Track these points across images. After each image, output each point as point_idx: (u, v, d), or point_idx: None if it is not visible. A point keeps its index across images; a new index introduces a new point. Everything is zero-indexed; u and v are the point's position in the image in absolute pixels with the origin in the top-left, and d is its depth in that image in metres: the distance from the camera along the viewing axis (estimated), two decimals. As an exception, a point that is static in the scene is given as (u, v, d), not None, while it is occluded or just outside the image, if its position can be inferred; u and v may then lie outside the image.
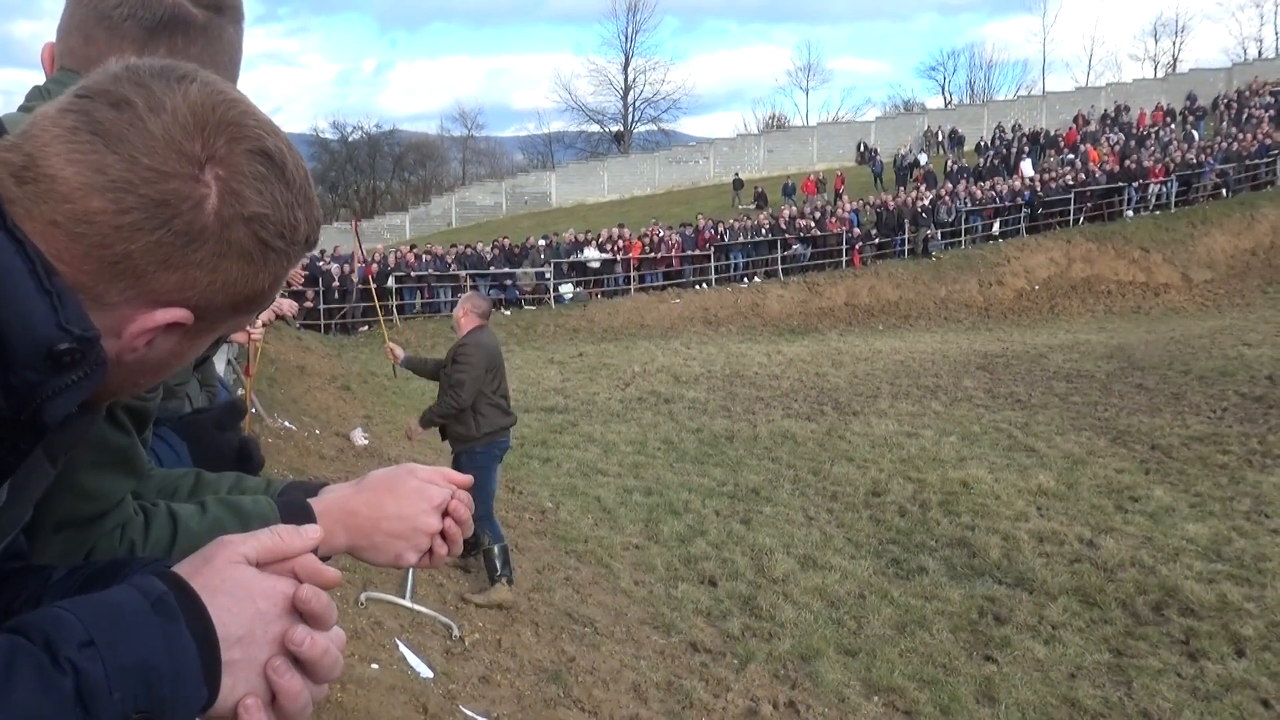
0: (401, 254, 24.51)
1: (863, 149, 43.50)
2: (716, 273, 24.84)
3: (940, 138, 42.19)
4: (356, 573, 5.35)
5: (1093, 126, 37.13)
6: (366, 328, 21.09)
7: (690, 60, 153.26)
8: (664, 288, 24.40)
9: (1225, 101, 37.00)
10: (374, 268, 21.52)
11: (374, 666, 4.27)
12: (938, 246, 25.45)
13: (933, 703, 5.35)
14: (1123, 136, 34.39)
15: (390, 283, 22.14)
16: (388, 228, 45.71)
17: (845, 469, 9.94)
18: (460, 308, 6.28)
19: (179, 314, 0.76)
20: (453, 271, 23.53)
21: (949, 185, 28.44)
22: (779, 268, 24.95)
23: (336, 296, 21.36)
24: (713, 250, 24.90)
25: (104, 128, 0.72)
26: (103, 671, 0.64)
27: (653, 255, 24.91)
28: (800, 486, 9.49)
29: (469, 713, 4.30)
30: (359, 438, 9.50)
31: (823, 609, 6.55)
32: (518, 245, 25.23)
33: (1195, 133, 33.51)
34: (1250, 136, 29.15)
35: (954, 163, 33.81)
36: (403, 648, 4.72)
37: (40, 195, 0.71)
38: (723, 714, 5.05)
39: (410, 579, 5.64)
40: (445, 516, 1.09)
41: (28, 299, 0.68)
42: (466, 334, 6.04)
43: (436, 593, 5.85)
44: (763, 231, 25.81)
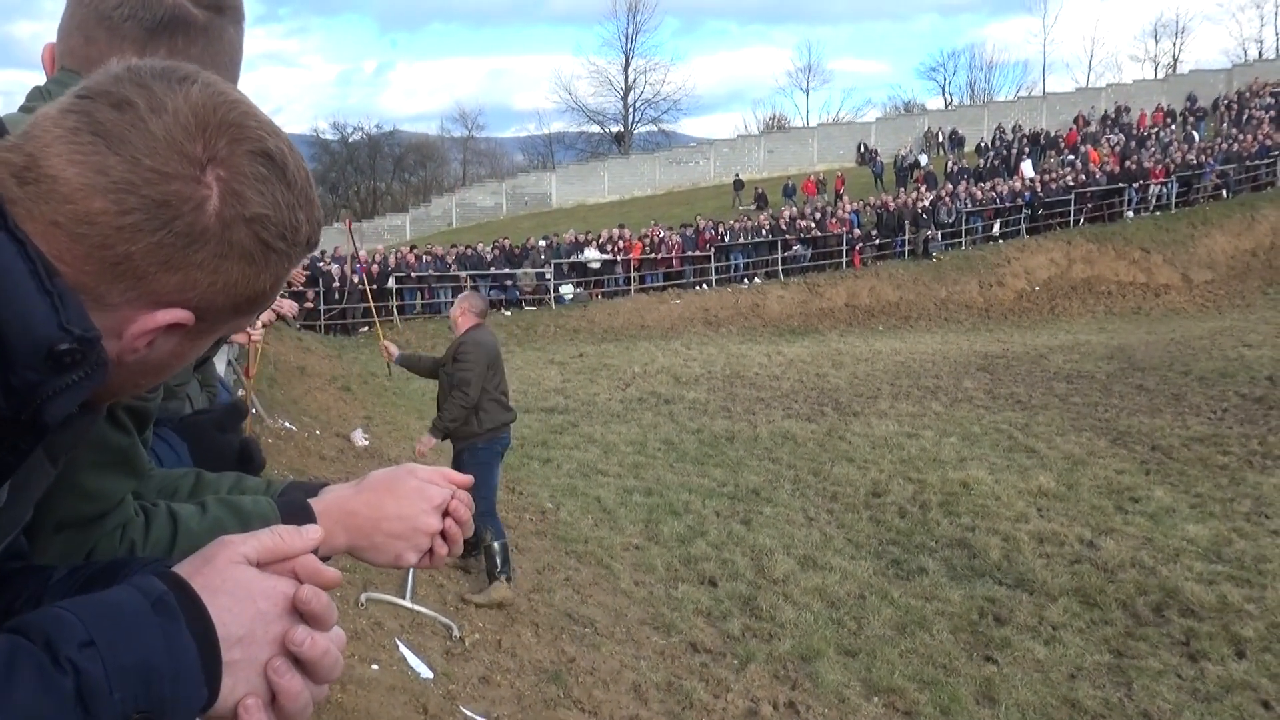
0: (402, 255, 24.52)
1: (863, 150, 43.52)
2: (717, 273, 24.85)
3: (940, 139, 42.21)
4: (357, 573, 5.35)
5: (1093, 127, 37.13)
6: (366, 328, 21.10)
7: (690, 61, 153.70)
8: (664, 288, 24.41)
9: (1225, 102, 37.01)
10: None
11: (374, 667, 4.27)
12: (938, 247, 25.46)
13: (933, 703, 5.34)
14: (1123, 137, 34.40)
15: (390, 283, 22.16)
16: (388, 228, 45.74)
17: (845, 470, 9.94)
18: (457, 307, 6.29)
19: (180, 315, 0.76)
20: (453, 272, 23.53)
21: (949, 186, 28.45)
22: (779, 268, 24.96)
23: (337, 297, 21.36)
24: (713, 251, 24.91)
25: (105, 129, 0.72)
26: (103, 671, 0.64)
27: (653, 256, 24.91)
28: (800, 487, 9.49)
29: (469, 713, 4.30)
30: (359, 438, 9.51)
31: (823, 609, 6.55)
32: (518, 246, 25.23)
33: (1195, 134, 33.51)
34: (1250, 137, 29.15)
35: (954, 164, 33.83)
36: (403, 648, 4.72)
37: (42, 196, 0.71)
38: (723, 714, 5.05)
39: (410, 579, 5.64)
40: (445, 516, 1.09)
41: (29, 299, 0.68)
42: (465, 332, 6.05)
43: (436, 593, 5.85)
44: (763, 232, 25.82)
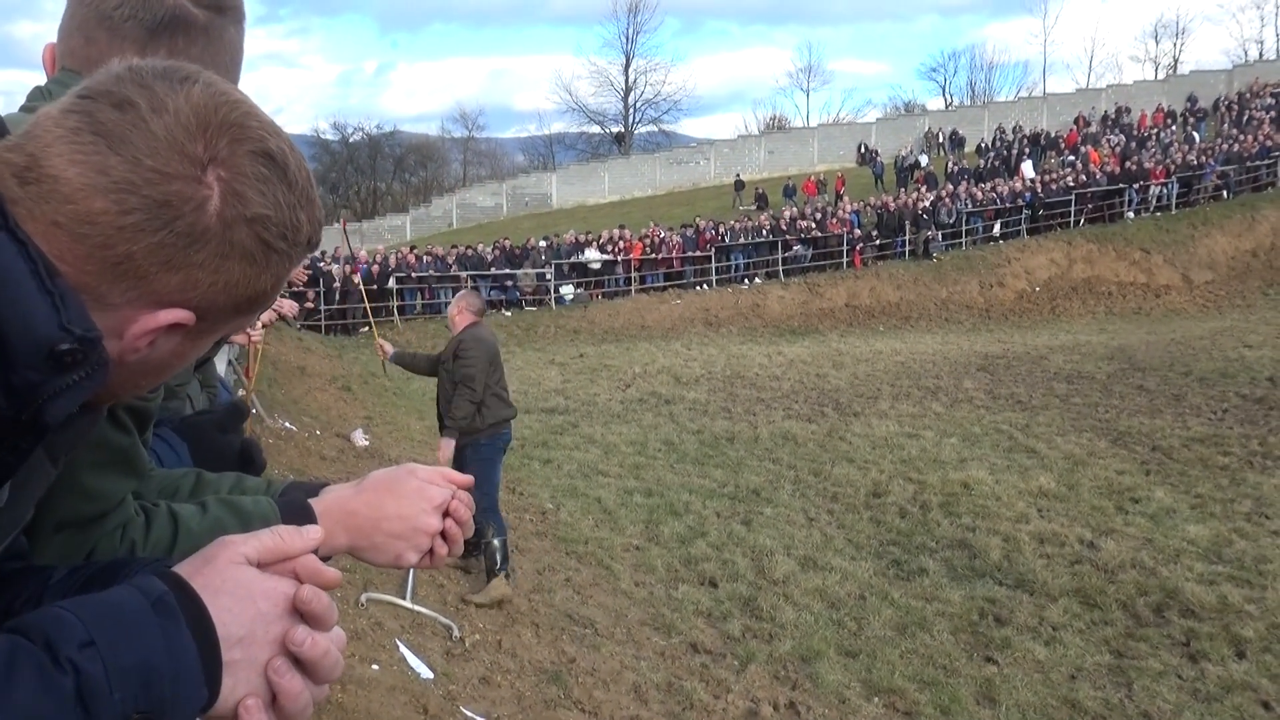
0: (402, 255, 24.52)
1: (863, 150, 43.54)
2: (717, 274, 24.84)
3: (941, 139, 42.23)
4: (357, 573, 5.35)
5: (1093, 128, 37.13)
6: (366, 328, 21.08)
7: (691, 61, 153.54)
8: (665, 289, 24.40)
9: (1226, 103, 37.02)
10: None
11: (374, 667, 4.27)
12: (938, 248, 25.45)
13: (933, 704, 5.34)
14: (1123, 138, 34.41)
15: (391, 283, 22.16)
16: (388, 229, 45.76)
17: (846, 470, 9.93)
18: (454, 305, 6.31)
19: (181, 315, 0.76)
20: (453, 272, 23.53)
21: (950, 186, 28.46)
22: (780, 269, 24.95)
23: (337, 297, 21.37)
24: (713, 251, 24.91)
25: (107, 129, 0.72)
26: (103, 672, 0.64)
27: (653, 256, 24.91)
28: (801, 488, 9.49)
29: (469, 714, 4.30)
30: (360, 439, 9.51)
31: (823, 610, 6.55)
32: (518, 246, 25.24)
33: (1196, 134, 33.52)
34: (1251, 138, 29.15)
35: (955, 164, 33.84)
36: (403, 649, 4.72)
37: (43, 196, 0.71)
38: (723, 715, 5.05)
39: (411, 580, 5.64)
40: (446, 517, 1.09)
41: (30, 299, 0.68)
42: (463, 330, 6.07)
43: (437, 594, 5.85)
44: (763, 232, 25.81)
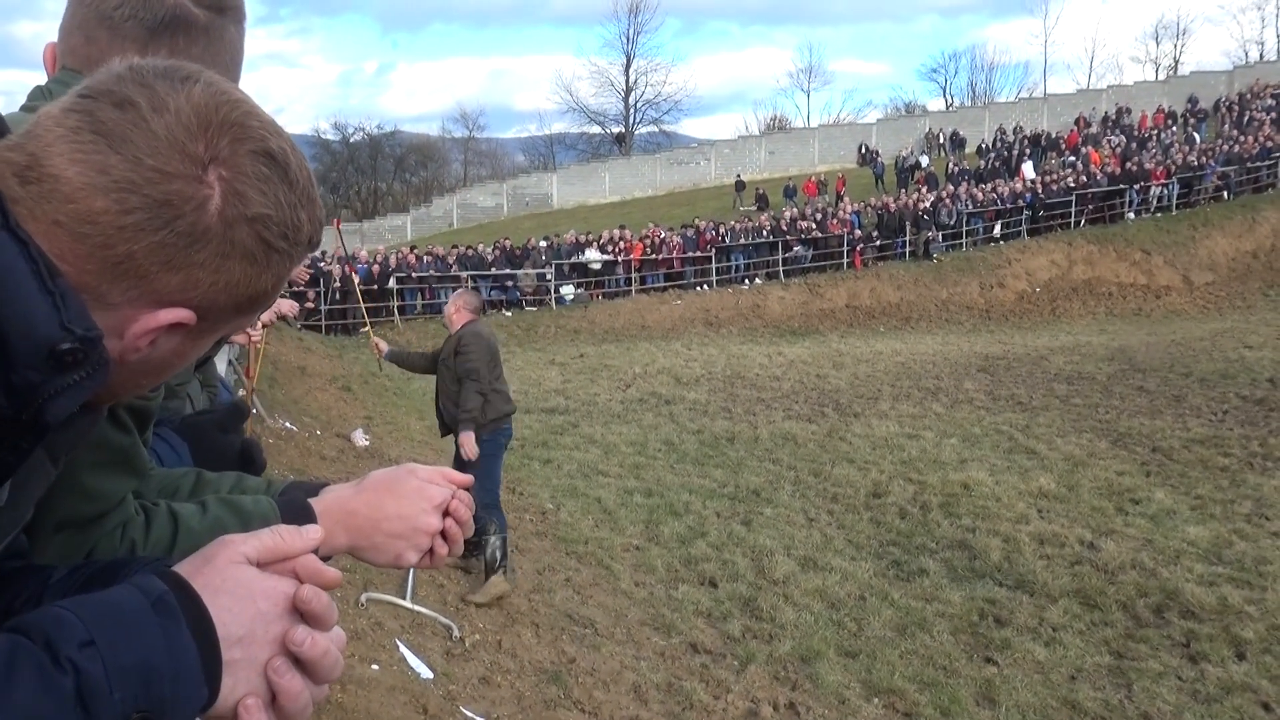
0: (403, 255, 24.52)
1: (864, 151, 43.55)
2: (717, 274, 24.84)
3: (941, 140, 42.24)
4: (357, 573, 5.35)
5: (1094, 129, 37.15)
6: (370, 329, 21.07)
7: (691, 62, 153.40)
8: (665, 289, 24.40)
9: (1226, 104, 37.03)
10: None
11: (374, 667, 4.27)
12: (939, 248, 25.45)
13: (933, 704, 5.34)
14: (1124, 139, 34.42)
15: (392, 283, 22.17)
16: (389, 229, 45.76)
17: (846, 471, 9.93)
18: (452, 304, 6.33)
19: (182, 314, 0.76)
20: (454, 272, 23.53)
21: (950, 187, 28.46)
22: (780, 269, 24.95)
23: (338, 297, 21.38)
24: (714, 252, 24.91)
25: (107, 128, 0.72)
26: (103, 671, 0.64)
27: (654, 256, 24.91)
28: (801, 488, 9.48)
29: (469, 714, 4.30)
30: (360, 439, 9.51)
31: (823, 610, 6.54)
32: (519, 246, 25.24)
33: (1196, 135, 33.53)
34: (1251, 139, 29.15)
35: (955, 165, 33.85)
36: (403, 648, 4.72)
37: (44, 195, 0.71)
38: (723, 715, 5.05)
39: (411, 580, 5.64)
40: (446, 516, 1.09)
41: (30, 299, 0.68)
42: (461, 327, 6.09)
43: (437, 594, 5.85)
44: (764, 233, 25.81)
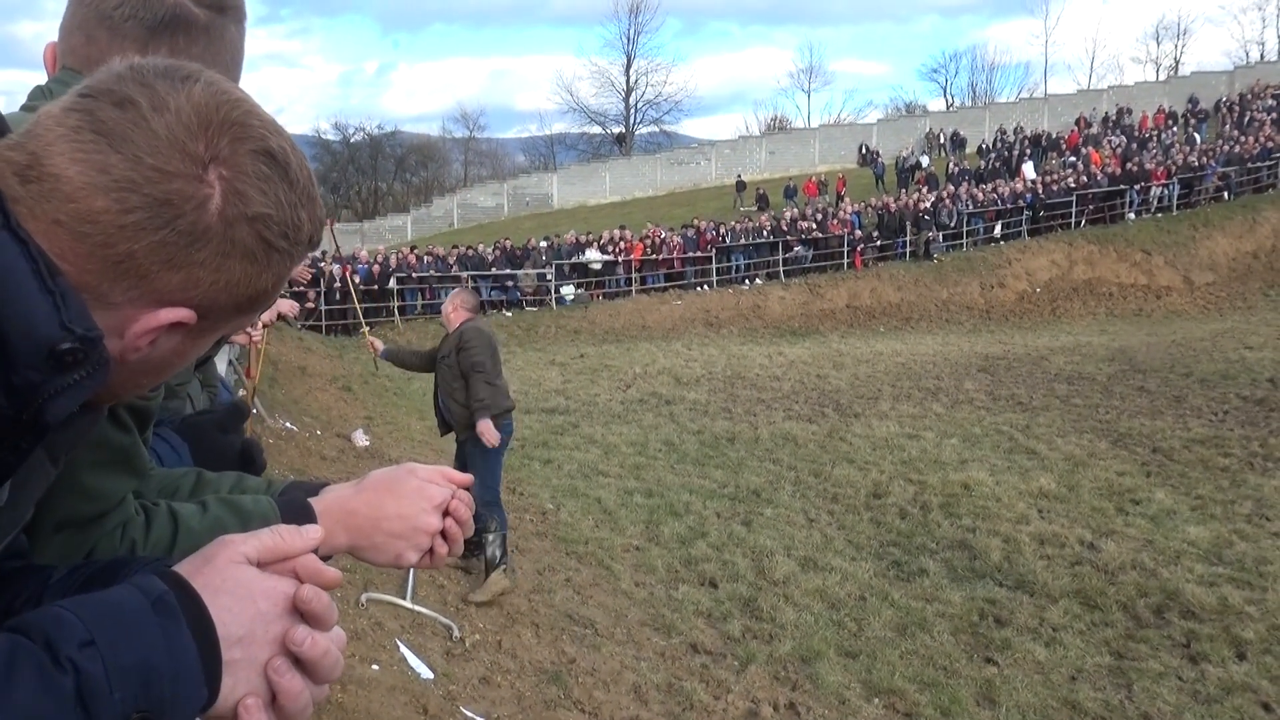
0: (403, 255, 24.52)
1: (864, 151, 43.55)
2: (718, 274, 24.84)
3: (942, 140, 42.24)
4: (357, 573, 5.35)
5: (1094, 129, 37.14)
6: (367, 328, 21.12)
7: (692, 62, 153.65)
8: (665, 289, 24.40)
9: (1227, 104, 37.03)
10: (361, 266, 22.27)
11: (374, 667, 4.27)
12: (939, 249, 25.45)
13: (933, 705, 5.34)
14: (1124, 139, 34.41)
15: (392, 283, 22.18)
16: (389, 229, 45.76)
17: (846, 471, 9.93)
18: (449, 303, 6.33)
19: (182, 314, 0.76)
20: (454, 272, 23.52)
21: (950, 187, 28.46)
22: (780, 269, 24.95)
23: (338, 297, 21.40)
24: (714, 252, 24.91)
25: (108, 127, 0.72)
26: (103, 671, 0.64)
27: (654, 257, 24.91)
28: (801, 488, 9.48)
29: (469, 714, 4.30)
30: (360, 439, 9.52)
31: (823, 611, 6.54)
32: (519, 246, 25.24)
33: (1197, 135, 33.53)
34: (1252, 139, 29.14)
35: (956, 165, 33.84)
36: (403, 649, 4.72)
37: (44, 195, 0.71)
38: (723, 716, 5.05)
39: (411, 580, 5.64)
40: (446, 516, 1.09)
41: (30, 299, 0.68)
42: (460, 324, 6.10)
43: (437, 594, 5.85)
44: (764, 233, 25.80)
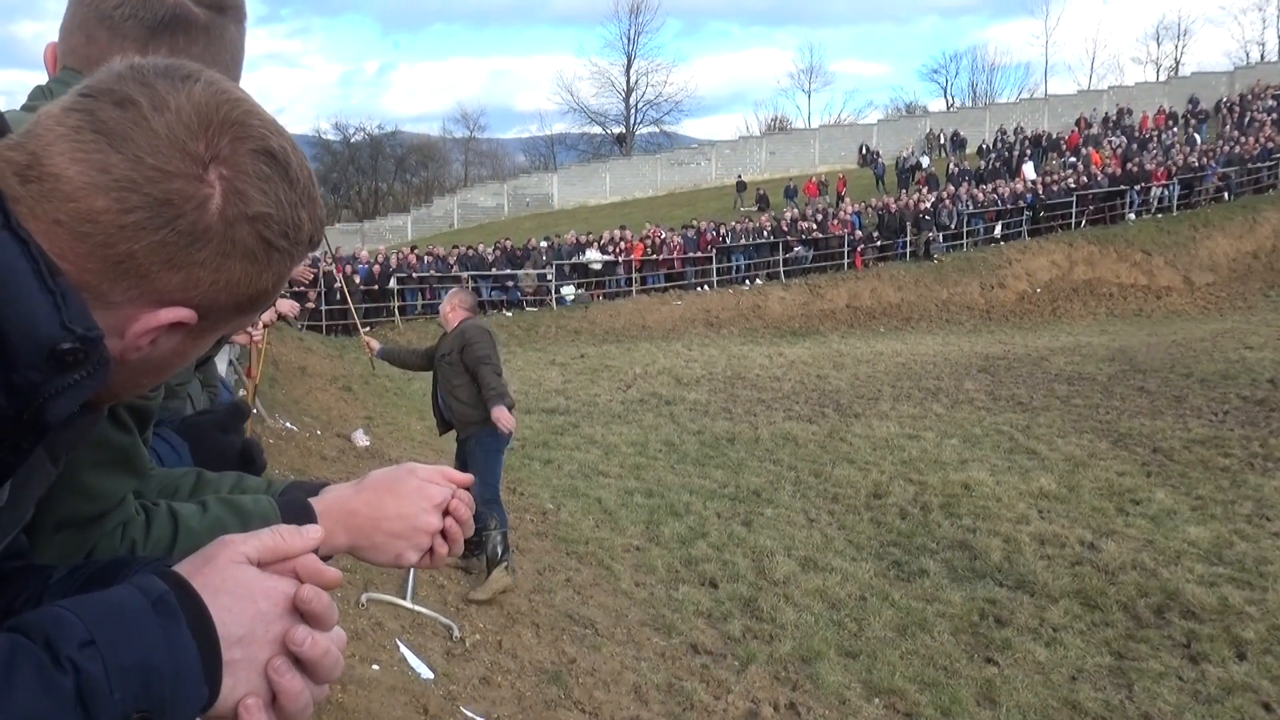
0: (403, 255, 24.52)
1: (865, 151, 43.55)
2: (718, 275, 24.85)
3: (942, 140, 42.24)
4: (357, 574, 5.34)
5: (1095, 129, 37.14)
6: (368, 329, 21.15)
7: (692, 62, 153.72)
8: (666, 289, 24.40)
9: (1227, 105, 37.03)
10: (361, 266, 22.48)
11: (375, 667, 4.27)
12: (939, 249, 25.45)
13: (933, 705, 5.34)
14: (1125, 139, 34.40)
15: (392, 284, 22.19)
16: (390, 229, 45.75)
17: (846, 471, 9.93)
18: (447, 303, 6.34)
19: (183, 313, 0.76)
20: (455, 273, 23.52)
21: (951, 188, 28.46)
22: (781, 270, 24.95)
23: (338, 298, 21.41)
24: (714, 252, 24.91)
25: (108, 127, 0.72)
26: (103, 671, 0.64)
27: (654, 257, 24.92)
28: (801, 488, 9.48)
29: (469, 714, 4.30)
30: (360, 439, 9.51)
31: (824, 611, 6.54)
32: (519, 247, 25.24)
33: (1197, 136, 33.52)
34: (1252, 140, 29.14)
35: (956, 165, 33.83)
36: (403, 649, 4.72)
37: (44, 194, 0.71)
38: (723, 716, 5.05)
39: (411, 580, 5.63)
40: (446, 515, 1.09)
41: (31, 299, 0.68)
42: (460, 323, 6.10)
43: (437, 594, 5.85)
44: (764, 234, 25.80)
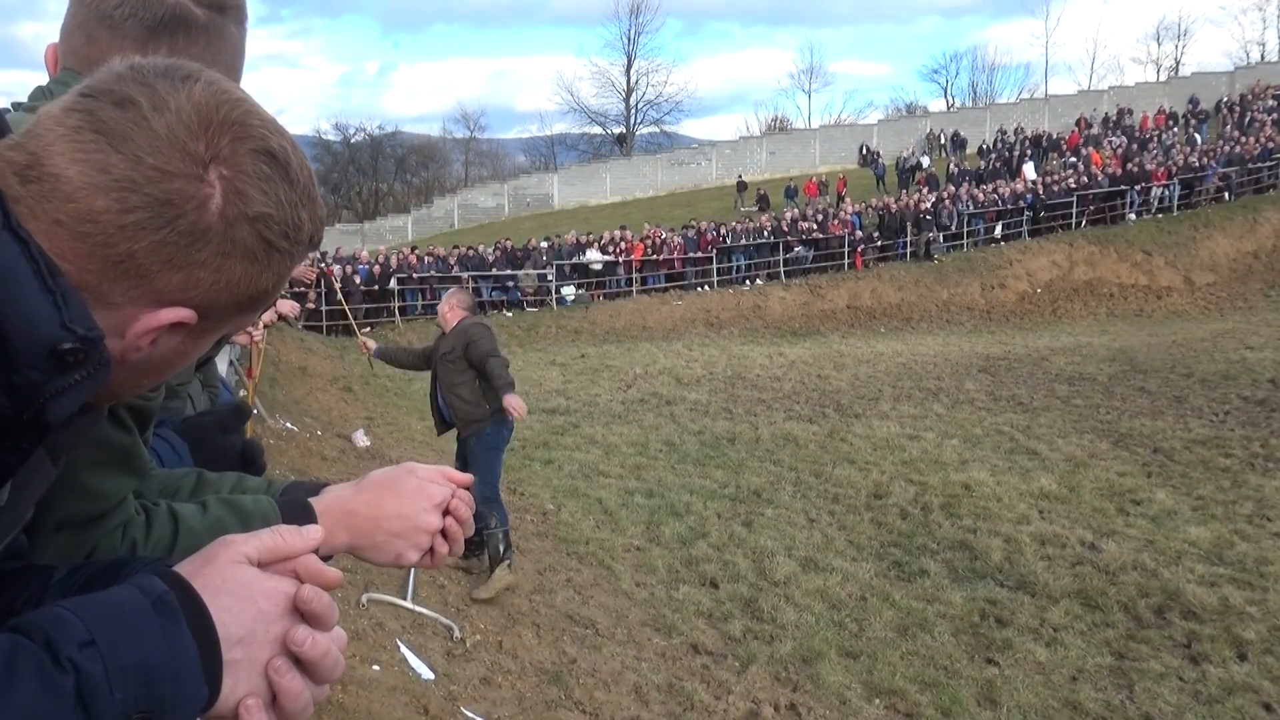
0: (404, 255, 24.52)
1: (865, 151, 43.54)
2: (718, 275, 24.85)
3: (943, 140, 42.23)
4: (358, 574, 5.35)
5: (1095, 129, 37.13)
6: (369, 329, 21.16)
7: (693, 62, 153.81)
8: (666, 290, 24.41)
9: (1228, 105, 37.02)
10: (362, 267, 22.50)
11: (375, 668, 4.27)
12: (940, 249, 25.44)
13: (934, 705, 5.33)
14: (1125, 139, 34.39)
15: (393, 284, 22.20)
16: (390, 229, 45.76)
17: (847, 471, 9.93)
18: (445, 303, 6.34)
19: (183, 313, 0.76)
20: (455, 273, 23.52)
21: (951, 188, 28.45)
22: (781, 270, 24.95)
23: (338, 298, 21.42)
24: (715, 252, 24.91)
25: (108, 127, 0.72)
26: (103, 671, 0.64)
27: (655, 257, 24.92)
28: (802, 489, 9.48)
29: (470, 714, 4.30)
30: (360, 439, 9.51)
31: (824, 611, 6.54)
32: (520, 247, 25.25)
33: (1198, 136, 33.51)
34: (1253, 140, 29.13)
35: (956, 165, 33.82)
36: (404, 649, 4.72)
37: (44, 194, 0.71)
38: (724, 716, 5.05)
39: (411, 580, 5.64)
40: (446, 515, 1.09)
41: (31, 299, 0.68)
42: (459, 323, 6.11)
43: (438, 594, 5.85)
44: (765, 234, 25.81)
